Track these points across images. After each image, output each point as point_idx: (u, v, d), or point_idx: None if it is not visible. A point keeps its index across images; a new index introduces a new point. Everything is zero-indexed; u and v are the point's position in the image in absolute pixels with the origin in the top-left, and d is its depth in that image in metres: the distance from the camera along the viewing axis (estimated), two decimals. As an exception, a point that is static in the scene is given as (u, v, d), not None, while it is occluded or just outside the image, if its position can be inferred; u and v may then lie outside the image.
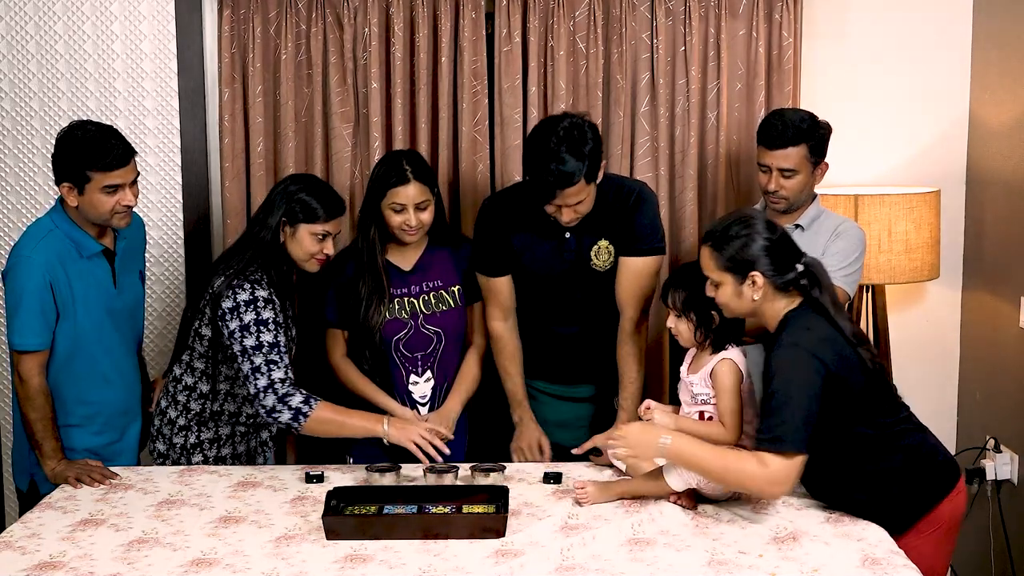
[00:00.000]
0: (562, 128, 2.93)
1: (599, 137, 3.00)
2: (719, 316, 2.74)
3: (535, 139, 2.98)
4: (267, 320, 2.97)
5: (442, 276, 3.31)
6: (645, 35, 3.71)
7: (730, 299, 2.62)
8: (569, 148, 2.90)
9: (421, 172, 3.18)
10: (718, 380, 2.74)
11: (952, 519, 2.66)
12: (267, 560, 2.46)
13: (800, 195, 3.17)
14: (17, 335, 2.96)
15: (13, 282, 2.97)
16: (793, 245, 2.64)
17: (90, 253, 3.03)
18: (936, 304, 3.97)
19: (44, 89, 3.76)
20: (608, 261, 3.18)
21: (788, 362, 2.49)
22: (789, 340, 2.52)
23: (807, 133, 3.13)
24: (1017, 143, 3.59)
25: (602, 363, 3.26)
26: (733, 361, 2.73)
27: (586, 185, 2.96)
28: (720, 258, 2.59)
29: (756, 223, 2.60)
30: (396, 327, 3.26)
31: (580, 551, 2.47)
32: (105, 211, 2.96)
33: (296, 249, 3.07)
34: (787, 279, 2.58)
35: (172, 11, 3.73)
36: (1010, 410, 3.68)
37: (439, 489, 2.77)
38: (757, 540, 2.51)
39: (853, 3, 3.82)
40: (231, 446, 3.18)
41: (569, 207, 2.99)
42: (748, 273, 2.57)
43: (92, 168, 2.91)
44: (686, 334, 2.79)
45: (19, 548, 2.55)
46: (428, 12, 3.67)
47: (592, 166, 2.94)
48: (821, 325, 2.55)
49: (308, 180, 3.16)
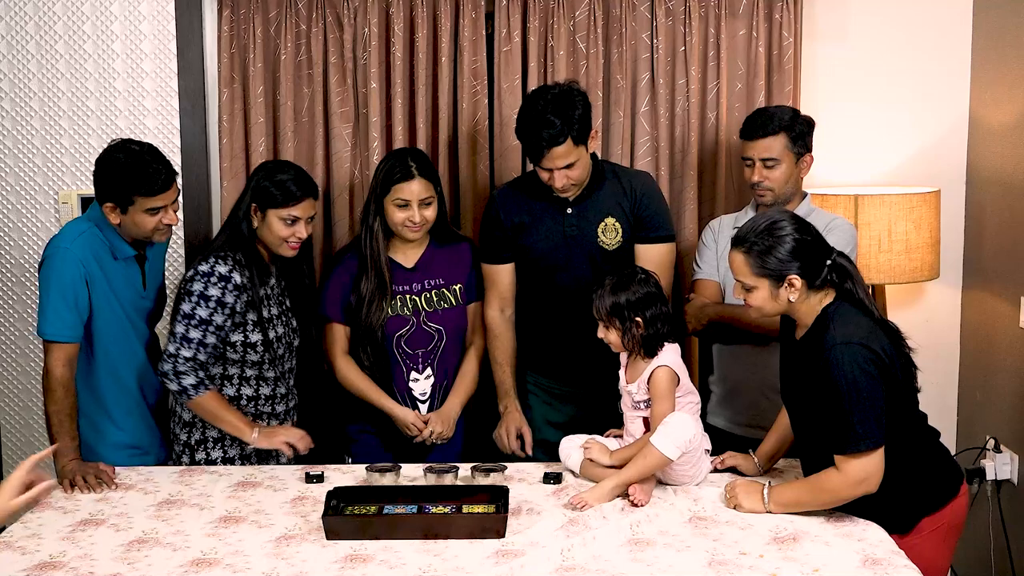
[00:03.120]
0: (551, 93, 3.08)
1: (588, 104, 3.12)
2: (643, 322, 2.80)
3: (526, 103, 3.15)
4: (210, 297, 3.02)
5: (444, 274, 3.32)
6: (645, 35, 3.71)
7: (765, 302, 2.61)
8: (556, 110, 3.03)
9: (425, 169, 3.21)
10: (655, 386, 2.80)
11: (954, 521, 2.66)
12: (267, 560, 2.46)
13: (785, 186, 3.20)
14: (49, 324, 2.99)
15: (49, 271, 3.00)
16: (823, 241, 2.63)
17: (123, 256, 3.09)
18: (936, 304, 3.96)
19: (44, 89, 3.76)
20: (617, 239, 3.20)
21: (847, 360, 2.48)
22: (841, 337, 2.51)
23: (787, 124, 3.18)
24: (1017, 143, 3.59)
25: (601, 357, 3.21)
26: (668, 367, 2.80)
27: (574, 147, 3.05)
28: (755, 264, 2.58)
29: (788, 224, 2.58)
30: (398, 324, 3.26)
31: (580, 551, 2.47)
32: (147, 229, 3.02)
33: (267, 234, 3.10)
34: (822, 277, 2.58)
35: (172, 11, 3.73)
36: (1010, 410, 3.68)
37: (439, 489, 2.77)
38: (758, 540, 2.52)
39: (853, 3, 3.82)
40: (238, 447, 3.18)
41: (560, 171, 3.07)
42: (786, 277, 2.56)
43: (137, 193, 2.96)
44: (616, 342, 2.86)
45: (19, 548, 2.54)
46: (428, 12, 3.67)
47: (581, 128, 3.05)
48: (861, 318, 2.55)
49: (277, 166, 3.20)
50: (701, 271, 3.36)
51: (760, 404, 3.24)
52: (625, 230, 3.20)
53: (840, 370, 2.48)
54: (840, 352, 2.48)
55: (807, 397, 2.61)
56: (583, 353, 3.20)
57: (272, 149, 3.75)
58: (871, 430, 2.47)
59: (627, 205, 3.21)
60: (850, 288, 2.58)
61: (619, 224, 3.19)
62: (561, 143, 3.02)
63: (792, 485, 2.68)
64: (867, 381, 2.47)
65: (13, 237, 3.82)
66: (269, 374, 3.18)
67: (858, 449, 2.48)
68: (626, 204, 3.21)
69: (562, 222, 3.21)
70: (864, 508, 2.61)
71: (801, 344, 2.63)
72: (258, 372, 3.16)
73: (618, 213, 3.20)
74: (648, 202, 3.22)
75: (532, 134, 3.06)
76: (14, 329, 3.88)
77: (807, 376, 2.59)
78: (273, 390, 3.19)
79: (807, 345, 2.60)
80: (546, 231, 3.23)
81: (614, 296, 2.83)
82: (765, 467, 2.91)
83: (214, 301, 3.03)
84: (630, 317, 2.82)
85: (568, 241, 3.21)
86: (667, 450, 2.70)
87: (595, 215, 3.20)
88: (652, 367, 2.81)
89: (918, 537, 2.59)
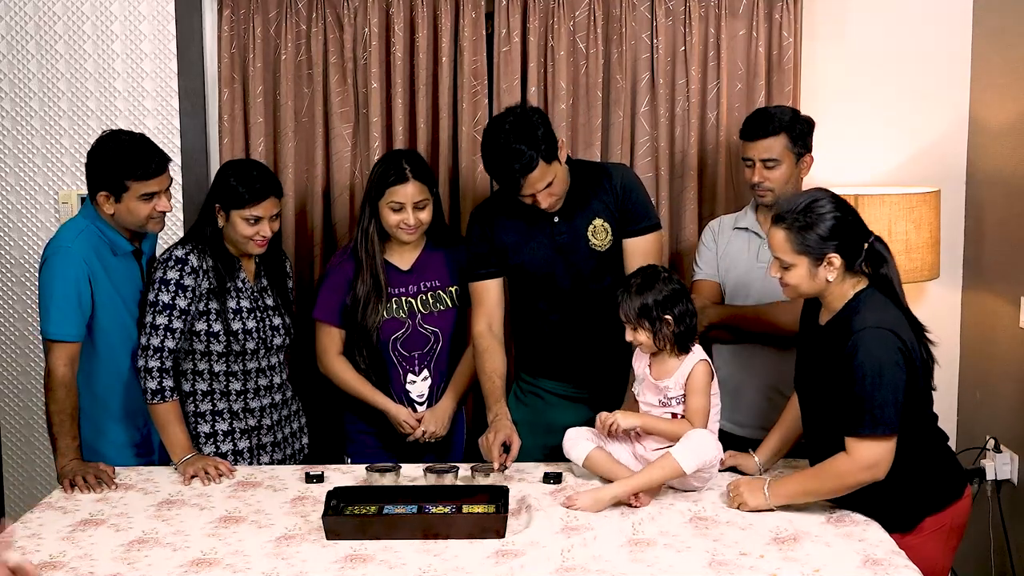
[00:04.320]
0: (507, 123, 3.00)
1: (547, 120, 3.06)
2: (673, 320, 2.78)
3: (486, 140, 3.04)
4: (169, 280, 3.04)
5: (440, 276, 3.32)
6: (645, 35, 3.71)
7: (802, 280, 2.59)
8: (518, 137, 2.95)
9: (420, 171, 3.19)
10: (694, 381, 2.79)
11: (955, 522, 2.65)
12: (267, 560, 2.46)
13: (785, 187, 3.19)
14: (52, 323, 2.99)
15: (51, 271, 3.01)
16: (862, 222, 2.62)
17: (123, 252, 3.10)
18: (936, 304, 3.96)
19: (44, 89, 3.76)
20: (607, 239, 3.15)
21: (877, 344, 2.47)
22: (874, 321, 2.50)
23: (787, 124, 3.17)
24: (1017, 143, 3.59)
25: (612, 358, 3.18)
26: (706, 362, 2.80)
27: (548, 166, 2.99)
28: (796, 240, 2.56)
29: (828, 202, 2.57)
30: (394, 326, 3.26)
31: (580, 552, 2.47)
32: (142, 217, 3.03)
33: (232, 232, 3.11)
34: (861, 258, 2.57)
35: (172, 11, 3.73)
36: (1010, 410, 3.68)
37: (439, 489, 2.77)
38: (758, 540, 2.51)
39: (853, 3, 3.82)
40: (248, 439, 3.17)
41: (541, 192, 3.02)
42: (825, 255, 2.55)
43: (130, 178, 2.98)
44: (647, 343, 2.82)
45: (19, 548, 2.54)
46: (428, 12, 3.67)
47: (548, 147, 2.99)
48: (892, 308, 2.55)
49: (238, 165, 3.19)
50: (701, 271, 3.36)
51: (761, 404, 3.24)
52: (613, 229, 3.15)
53: (869, 352, 2.47)
54: (871, 335, 2.48)
55: (824, 385, 2.60)
56: (587, 356, 3.19)
57: (272, 149, 3.75)
58: (889, 416, 2.46)
59: (611, 202, 3.15)
60: (885, 273, 2.58)
61: (607, 224, 3.14)
62: (534, 168, 2.96)
63: (795, 475, 2.67)
64: (893, 368, 2.47)
65: (13, 237, 3.82)
66: (236, 367, 3.15)
67: (874, 432, 2.46)
68: (611, 201, 3.15)
69: (551, 232, 3.15)
70: (867, 504, 2.60)
71: (825, 329, 2.62)
72: (226, 367, 3.14)
73: (605, 213, 3.14)
74: (632, 194, 3.17)
75: (503, 168, 2.97)
76: (14, 329, 3.88)
77: (828, 362, 2.58)
78: (244, 385, 3.16)
79: (832, 330, 2.59)
80: (537, 245, 3.16)
81: (641, 297, 2.80)
82: (767, 466, 2.91)
83: (173, 284, 3.03)
84: (659, 316, 2.79)
85: (561, 249, 3.15)
86: (686, 463, 2.69)
87: (583, 219, 3.14)
88: (692, 362, 2.79)
89: (919, 537, 2.59)
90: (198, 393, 3.14)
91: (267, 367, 3.21)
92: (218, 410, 3.15)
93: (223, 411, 3.15)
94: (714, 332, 3.25)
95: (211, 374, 3.14)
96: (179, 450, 3.02)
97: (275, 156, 3.75)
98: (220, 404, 3.15)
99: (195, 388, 3.13)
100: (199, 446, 3.12)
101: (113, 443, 3.12)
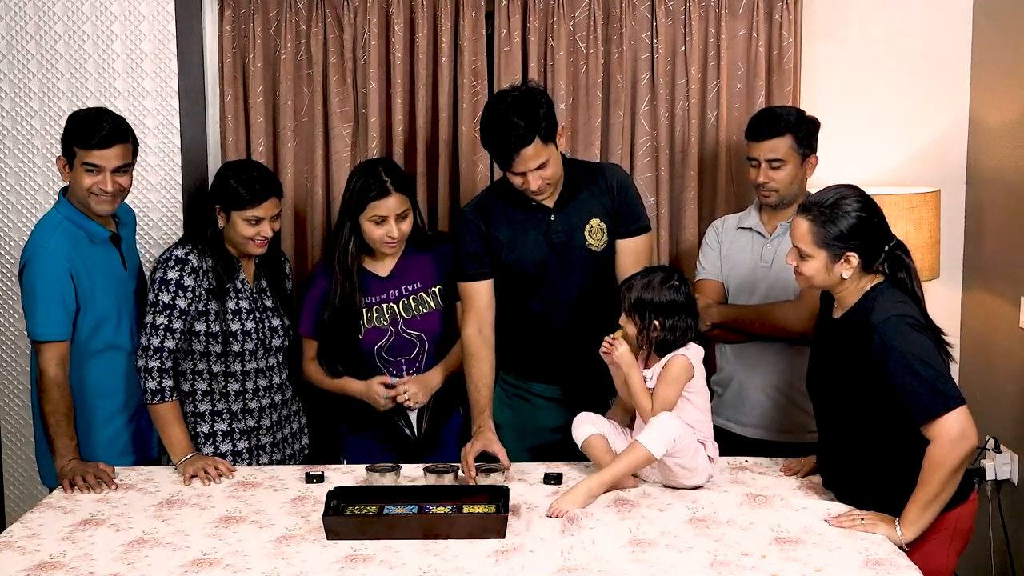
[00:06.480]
0: (511, 96, 3.00)
1: (551, 102, 3.05)
2: (660, 326, 2.80)
3: (488, 110, 3.03)
4: (170, 281, 3.05)
5: (422, 278, 3.30)
6: (645, 35, 3.71)
7: (817, 273, 2.60)
8: (519, 111, 2.94)
9: (400, 182, 3.18)
10: (666, 370, 2.80)
11: (959, 525, 2.63)
12: (267, 560, 2.46)
13: (790, 187, 3.19)
14: (39, 325, 2.99)
15: (33, 272, 3.00)
16: (886, 225, 2.63)
17: (100, 239, 3.09)
18: (936, 304, 3.93)
19: (44, 89, 3.75)
20: (603, 240, 3.14)
21: (906, 330, 2.47)
22: (895, 310, 2.50)
23: (793, 125, 3.16)
24: (1017, 143, 3.59)
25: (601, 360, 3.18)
26: (687, 358, 2.80)
27: (543, 145, 2.97)
28: (819, 234, 2.57)
29: (856, 201, 2.59)
30: (376, 335, 3.25)
31: (581, 552, 2.47)
32: (83, 190, 3.01)
33: (232, 233, 3.11)
34: (879, 261, 2.58)
35: (172, 11, 3.72)
36: (1010, 410, 3.68)
37: (439, 489, 2.77)
38: (760, 541, 2.51)
39: (853, 3, 3.82)
40: (247, 439, 3.17)
41: (533, 172, 2.98)
42: (844, 253, 2.56)
43: (76, 144, 2.99)
44: (632, 336, 2.85)
45: (19, 548, 2.54)
46: (428, 12, 3.67)
47: (548, 126, 2.97)
48: (910, 302, 2.55)
49: (238, 166, 3.20)
50: (704, 271, 3.35)
51: (764, 404, 3.24)
52: (609, 229, 3.14)
53: (905, 339, 2.47)
54: (896, 324, 2.48)
55: (838, 380, 2.60)
56: (577, 358, 3.16)
57: (272, 149, 3.75)
58: (952, 388, 2.46)
59: (608, 202, 3.13)
60: (903, 278, 2.59)
61: (603, 224, 3.13)
62: (529, 143, 2.93)
63: (910, 502, 2.53)
64: (930, 346, 2.48)
65: (13, 237, 3.82)
66: (235, 368, 3.15)
67: (947, 407, 2.44)
68: (607, 201, 3.13)
69: (547, 230, 3.12)
70: (872, 505, 2.60)
71: (839, 324, 2.62)
72: (225, 367, 3.14)
73: (601, 213, 3.13)
74: (627, 194, 3.16)
75: (499, 139, 2.96)
76: (14, 329, 3.87)
77: (842, 356, 2.57)
78: (243, 385, 3.16)
79: (847, 324, 2.59)
80: (532, 243, 3.13)
81: (641, 292, 2.83)
82: None
83: (174, 284, 3.04)
84: (650, 317, 2.81)
85: (556, 248, 3.13)
86: (655, 448, 2.70)
87: (579, 218, 3.12)
88: (672, 355, 2.81)
89: (924, 539, 2.58)
90: (197, 393, 3.14)
91: (266, 368, 3.21)
92: (217, 410, 3.15)
93: (222, 411, 3.15)
94: (717, 331, 3.25)
95: (210, 374, 3.13)
96: (179, 450, 3.02)
97: (275, 156, 3.75)
98: (219, 404, 3.15)
99: (195, 388, 3.13)
100: (198, 446, 3.12)
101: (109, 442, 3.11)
